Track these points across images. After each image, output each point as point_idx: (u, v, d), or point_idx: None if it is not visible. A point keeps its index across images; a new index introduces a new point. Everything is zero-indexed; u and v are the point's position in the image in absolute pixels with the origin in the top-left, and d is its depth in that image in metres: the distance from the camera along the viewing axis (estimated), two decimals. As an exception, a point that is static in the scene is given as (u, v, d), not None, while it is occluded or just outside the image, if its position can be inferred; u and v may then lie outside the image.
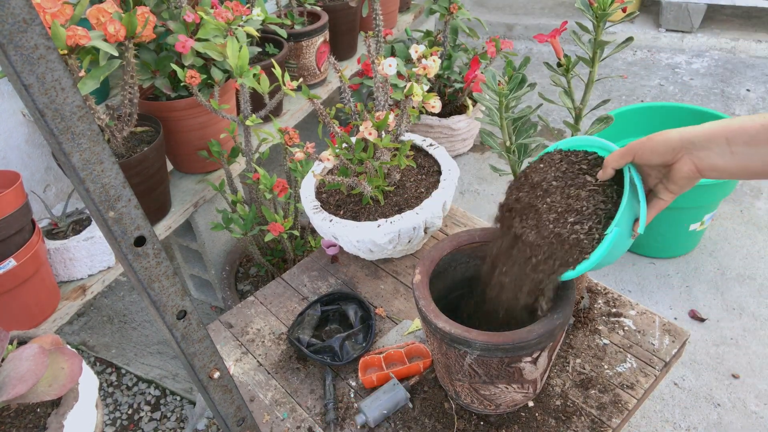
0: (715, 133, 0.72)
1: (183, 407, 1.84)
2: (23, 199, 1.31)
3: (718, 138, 0.72)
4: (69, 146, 0.47)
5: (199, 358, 0.67)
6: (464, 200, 2.59)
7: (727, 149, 0.72)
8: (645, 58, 3.53)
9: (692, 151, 0.74)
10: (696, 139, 0.74)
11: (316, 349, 1.16)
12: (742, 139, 0.71)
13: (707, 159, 0.74)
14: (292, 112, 2.19)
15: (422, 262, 1.00)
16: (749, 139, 0.70)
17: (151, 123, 1.63)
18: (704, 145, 0.73)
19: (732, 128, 0.71)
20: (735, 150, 0.71)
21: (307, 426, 1.06)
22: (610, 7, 0.93)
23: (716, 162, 0.73)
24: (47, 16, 1.20)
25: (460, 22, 2.50)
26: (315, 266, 1.42)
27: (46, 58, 0.43)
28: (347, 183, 1.27)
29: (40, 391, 0.72)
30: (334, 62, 1.32)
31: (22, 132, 1.77)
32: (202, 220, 1.85)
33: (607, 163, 0.82)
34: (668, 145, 0.76)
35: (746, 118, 0.71)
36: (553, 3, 4.19)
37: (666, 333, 1.14)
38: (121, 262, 0.56)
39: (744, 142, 0.70)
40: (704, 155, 0.74)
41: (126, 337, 2.09)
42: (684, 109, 2.19)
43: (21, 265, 1.28)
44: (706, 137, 0.73)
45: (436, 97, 1.25)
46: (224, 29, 1.53)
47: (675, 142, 0.75)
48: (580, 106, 1.06)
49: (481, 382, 0.92)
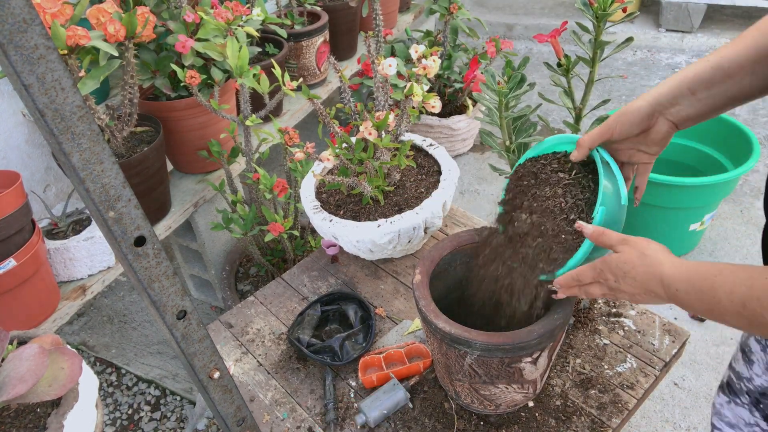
0: (678, 88, 0.78)
1: (183, 407, 1.84)
2: (23, 199, 1.31)
3: (683, 91, 0.78)
4: (69, 146, 0.47)
5: (199, 358, 0.67)
6: (464, 200, 2.59)
7: (693, 98, 0.77)
8: (645, 58, 3.53)
9: (663, 111, 0.79)
10: (663, 99, 0.79)
11: (316, 349, 1.16)
12: (702, 85, 0.76)
13: (679, 113, 0.79)
14: (292, 112, 2.19)
15: (422, 262, 1.00)
16: (708, 83, 0.76)
17: (151, 123, 1.63)
18: (672, 102, 0.78)
19: (690, 78, 0.77)
20: (700, 96, 0.77)
21: (307, 426, 1.06)
22: (611, 7, 0.93)
23: (688, 112, 0.78)
24: (47, 16, 1.20)
25: (460, 22, 2.50)
26: (315, 266, 1.42)
27: (46, 58, 0.43)
28: (347, 183, 1.27)
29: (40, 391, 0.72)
30: (334, 62, 1.32)
31: (22, 132, 1.77)
32: (202, 220, 1.85)
33: (581, 143, 0.85)
34: (642, 114, 0.80)
35: (697, 65, 0.77)
36: (553, 3, 4.19)
37: (666, 333, 1.14)
38: (121, 262, 0.56)
39: (704, 87, 0.76)
40: (675, 110, 0.79)
41: (126, 337, 2.09)
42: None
43: (21, 265, 1.28)
44: (672, 94, 0.78)
45: (436, 97, 1.25)
46: (224, 29, 1.53)
47: (647, 109, 0.80)
48: (580, 106, 1.06)
49: (481, 382, 0.92)
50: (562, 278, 0.82)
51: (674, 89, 0.78)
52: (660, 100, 0.79)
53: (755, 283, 0.60)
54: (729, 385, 0.98)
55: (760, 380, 0.90)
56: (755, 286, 0.60)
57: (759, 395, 0.91)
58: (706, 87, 0.76)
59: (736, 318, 0.62)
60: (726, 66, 0.75)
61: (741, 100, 0.78)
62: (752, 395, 0.92)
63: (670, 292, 0.68)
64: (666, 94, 0.79)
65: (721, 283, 0.63)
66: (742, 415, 0.95)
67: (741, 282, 0.61)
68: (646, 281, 0.71)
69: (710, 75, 0.76)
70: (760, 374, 0.90)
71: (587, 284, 0.79)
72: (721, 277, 0.63)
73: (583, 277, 0.78)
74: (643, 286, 0.71)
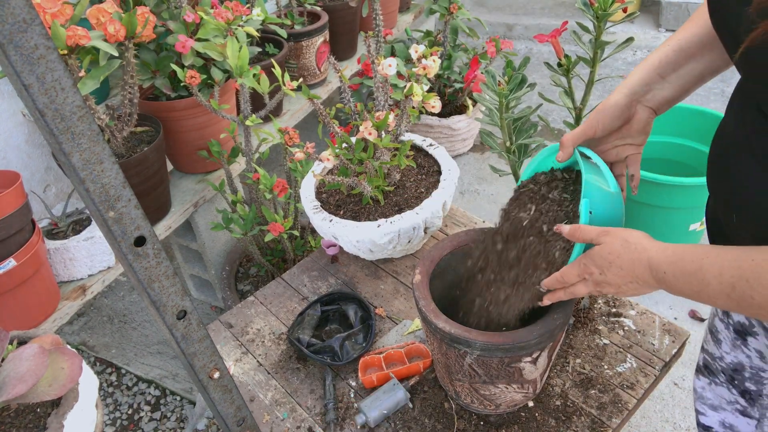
0: (648, 75, 0.82)
1: (183, 407, 1.84)
2: (23, 199, 1.31)
3: (653, 77, 0.82)
4: (69, 146, 0.47)
5: (199, 358, 0.67)
6: (464, 200, 2.59)
7: (664, 82, 0.81)
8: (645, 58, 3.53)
9: (640, 99, 0.83)
10: (637, 88, 0.82)
11: (316, 349, 1.16)
12: (668, 68, 0.81)
13: (654, 98, 0.83)
14: (292, 112, 2.19)
15: (422, 262, 1.00)
16: (674, 65, 0.80)
17: (151, 123, 1.63)
18: (646, 89, 0.82)
19: (656, 64, 0.81)
20: (669, 80, 0.81)
21: (307, 426, 1.06)
22: (611, 7, 0.93)
23: (663, 95, 0.82)
24: (47, 16, 1.20)
25: (460, 22, 2.50)
26: (315, 266, 1.42)
27: (46, 58, 0.43)
28: (347, 183, 1.27)
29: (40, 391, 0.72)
30: (334, 62, 1.32)
31: (22, 132, 1.77)
32: (202, 220, 1.85)
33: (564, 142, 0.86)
34: (621, 106, 0.83)
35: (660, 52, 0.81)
36: (553, 3, 4.19)
37: (666, 333, 1.14)
38: (121, 262, 0.56)
39: (672, 70, 0.81)
40: (651, 96, 0.83)
41: (126, 337, 2.09)
42: (684, 109, 2.19)
43: (21, 265, 1.28)
44: (644, 82, 0.82)
45: (436, 97, 1.25)
46: (224, 29, 1.53)
47: (624, 100, 0.83)
48: (580, 106, 1.06)
49: (481, 382, 0.92)
50: (547, 281, 0.82)
51: (645, 77, 0.82)
52: (634, 90, 0.83)
53: (743, 264, 0.60)
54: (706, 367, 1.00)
55: (730, 357, 0.92)
56: (743, 267, 0.60)
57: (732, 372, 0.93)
58: (673, 69, 0.81)
59: (725, 300, 0.62)
60: (686, 47, 0.79)
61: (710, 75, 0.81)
62: (726, 373, 0.95)
63: (658, 276, 0.68)
64: (638, 83, 0.82)
65: (709, 265, 0.63)
66: (722, 395, 0.97)
67: (729, 263, 0.61)
68: (632, 268, 0.70)
69: (674, 58, 0.80)
70: (729, 351, 0.92)
71: (573, 285, 0.78)
72: (708, 259, 0.63)
73: (567, 277, 0.78)
74: (630, 274, 0.71)
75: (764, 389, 0.91)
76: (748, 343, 0.88)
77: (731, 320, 0.90)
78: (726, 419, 1.00)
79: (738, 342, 0.90)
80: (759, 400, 0.93)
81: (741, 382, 0.93)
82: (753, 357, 0.89)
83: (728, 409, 0.98)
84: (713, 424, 1.02)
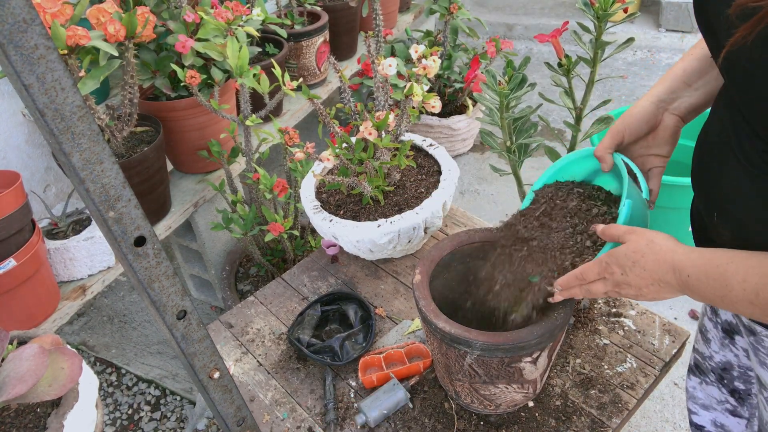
0: (674, 83, 0.82)
1: (183, 407, 1.84)
2: (23, 199, 1.31)
3: (679, 85, 0.82)
4: (69, 146, 0.47)
5: (199, 358, 0.67)
6: (464, 200, 2.59)
7: (690, 89, 0.82)
8: (645, 58, 3.53)
9: (667, 107, 0.83)
10: (664, 96, 0.83)
11: (316, 349, 1.16)
12: (694, 76, 0.81)
13: (681, 105, 0.83)
14: (292, 112, 2.18)
15: (422, 262, 1.00)
16: (699, 73, 0.81)
17: (151, 123, 1.63)
18: (673, 97, 0.83)
19: (680, 73, 0.82)
20: (696, 86, 0.81)
21: (307, 426, 1.06)
22: (611, 7, 0.93)
23: (690, 102, 0.82)
24: (47, 16, 1.20)
25: (460, 22, 2.50)
26: (315, 266, 1.42)
27: (46, 58, 0.43)
28: (347, 183, 1.27)
29: (40, 391, 0.72)
30: (334, 62, 1.32)
31: (22, 132, 1.77)
32: (202, 220, 1.85)
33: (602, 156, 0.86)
34: (648, 112, 0.83)
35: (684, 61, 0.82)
36: (553, 3, 4.19)
37: (666, 333, 1.14)
38: (121, 262, 0.56)
39: (697, 77, 0.81)
40: (678, 104, 0.83)
41: (126, 337, 2.09)
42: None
43: (21, 265, 1.28)
44: (671, 90, 0.82)
45: (436, 97, 1.25)
46: (224, 29, 1.53)
47: (651, 107, 0.83)
48: (580, 106, 1.06)
49: (481, 382, 0.92)
50: (563, 279, 0.80)
51: (671, 85, 0.82)
52: (661, 98, 0.82)
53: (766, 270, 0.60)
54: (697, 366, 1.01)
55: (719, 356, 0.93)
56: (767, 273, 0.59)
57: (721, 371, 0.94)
58: (699, 76, 0.81)
59: (748, 306, 0.62)
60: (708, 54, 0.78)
61: None
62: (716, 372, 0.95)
63: (681, 279, 0.67)
64: (665, 92, 0.82)
65: (734, 272, 0.62)
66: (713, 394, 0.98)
67: (753, 270, 0.60)
68: (656, 269, 0.69)
69: (698, 65, 0.81)
70: (718, 350, 0.93)
71: (591, 282, 0.77)
72: (733, 265, 0.62)
73: (588, 274, 0.76)
74: (652, 276, 0.70)
75: (752, 388, 0.92)
76: (735, 342, 0.89)
77: (719, 319, 0.90)
78: (717, 419, 1.00)
79: (726, 341, 0.90)
80: (748, 400, 0.93)
81: (730, 381, 0.94)
82: (741, 356, 0.89)
83: (719, 408, 0.99)
84: (705, 423, 1.02)
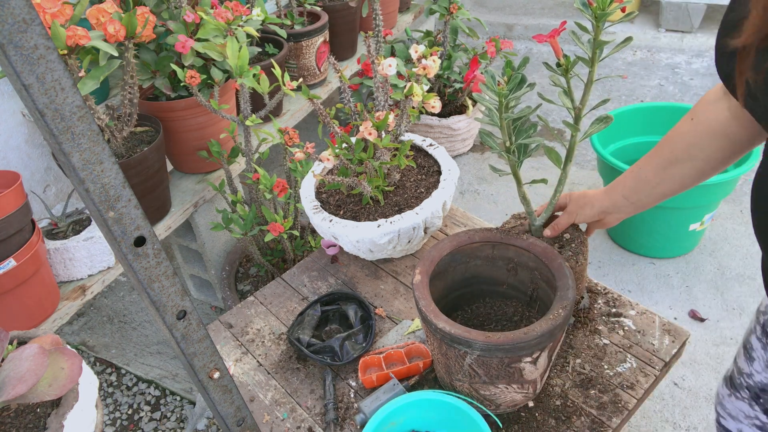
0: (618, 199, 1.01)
1: (183, 407, 1.84)
2: (23, 199, 1.31)
3: (622, 202, 1.00)
4: (69, 146, 0.47)
5: (199, 358, 0.67)
6: (464, 200, 2.59)
7: (628, 203, 1.00)
8: (645, 58, 3.53)
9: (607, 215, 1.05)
10: (608, 209, 1.03)
11: (316, 349, 1.16)
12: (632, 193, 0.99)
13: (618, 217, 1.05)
14: (292, 112, 2.19)
15: (422, 262, 1.00)
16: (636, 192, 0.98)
17: (151, 123, 1.63)
18: (614, 210, 1.03)
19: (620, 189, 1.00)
20: (633, 201, 1.00)
21: (307, 426, 1.06)
22: (609, 6, 0.93)
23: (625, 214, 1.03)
24: (47, 16, 1.20)
25: (460, 22, 2.50)
26: (315, 266, 1.42)
27: (46, 58, 0.43)
28: (347, 183, 1.27)
29: (40, 391, 0.72)
30: (334, 62, 1.32)
31: (22, 132, 1.77)
32: (202, 220, 1.85)
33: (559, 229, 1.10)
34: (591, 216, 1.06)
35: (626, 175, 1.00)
36: (553, 3, 4.19)
37: (666, 333, 1.14)
38: (121, 262, 0.56)
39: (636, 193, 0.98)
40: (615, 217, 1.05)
41: (126, 337, 2.09)
42: (684, 109, 2.19)
43: (21, 265, 1.28)
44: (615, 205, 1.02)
45: (436, 97, 1.25)
46: (224, 29, 1.53)
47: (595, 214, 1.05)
48: (579, 106, 1.06)
49: (481, 382, 0.92)
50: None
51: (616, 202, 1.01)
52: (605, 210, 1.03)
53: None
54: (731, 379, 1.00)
55: (760, 377, 0.92)
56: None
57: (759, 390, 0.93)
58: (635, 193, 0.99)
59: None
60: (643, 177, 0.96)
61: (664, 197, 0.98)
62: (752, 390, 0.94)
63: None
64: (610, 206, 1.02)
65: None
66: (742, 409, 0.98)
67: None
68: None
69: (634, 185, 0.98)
70: (760, 371, 0.91)
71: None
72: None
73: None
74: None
75: None
76: None
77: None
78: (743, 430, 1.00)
79: None
80: None
81: (766, 401, 0.93)
82: None
83: (745, 423, 0.99)
84: (733, 429, 1.02)
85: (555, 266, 0.96)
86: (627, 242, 2.17)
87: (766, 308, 0.91)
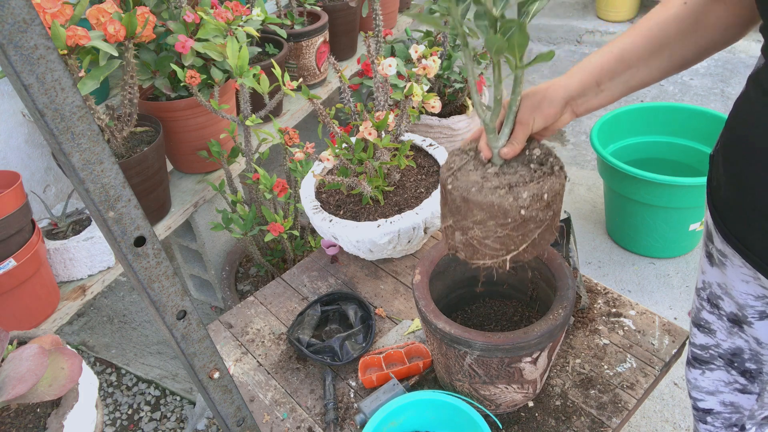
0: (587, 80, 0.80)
1: (183, 407, 1.84)
2: (23, 199, 1.31)
3: (590, 84, 0.80)
4: (69, 146, 0.47)
5: (199, 358, 0.67)
6: (464, 200, 2.58)
7: (597, 90, 0.80)
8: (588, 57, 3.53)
9: (572, 103, 0.81)
10: (574, 93, 0.80)
11: (316, 349, 1.16)
12: (606, 77, 0.79)
13: (584, 104, 0.81)
14: (292, 112, 2.19)
15: (422, 262, 1.00)
16: (611, 75, 0.79)
17: (151, 123, 1.63)
18: (581, 95, 0.80)
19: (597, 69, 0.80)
20: (603, 87, 0.80)
21: (307, 426, 1.06)
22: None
23: (592, 103, 0.81)
24: (47, 16, 1.20)
25: (460, 22, 2.50)
26: (315, 266, 1.42)
27: (46, 58, 0.43)
28: (347, 183, 1.27)
29: (40, 391, 0.72)
30: (334, 62, 1.32)
31: (22, 132, 1.77)
32: (202, 220, 1.85)
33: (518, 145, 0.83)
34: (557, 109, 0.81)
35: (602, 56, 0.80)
36: (553, 3, 4.19)
37: (666, 333, 1.14)
38: (121, 262, 0.56)
39: (608, 79, 0.79)
40: (581, 102, 0.81)
41: (126, 337, 2.09)
42: (684, 109, 2.19)
43: (21, 265, 1.28)
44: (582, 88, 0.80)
45: (436, 97, 1.25)
46: (224, 29, 1.53)
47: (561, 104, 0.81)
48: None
49: (481, 382, 0.92)
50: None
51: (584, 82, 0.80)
52: (571, 94, 0.80)
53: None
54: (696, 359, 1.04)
55: (727, 344, 0.96)
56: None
57: (731, 356, 0.98)
58: (609, 78, 0.80)
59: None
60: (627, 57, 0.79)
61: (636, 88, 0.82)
62: (724, 358, 0.98)
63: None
64: (576, 89, 0.80)
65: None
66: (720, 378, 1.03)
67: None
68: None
69: (613, 66, 0.79)
70: (725, 338, 0.96)
71: None
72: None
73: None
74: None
75: (764, 367, 0.95)
76: (744, 330, 0.92)
77: (723, 312, 0.93)
78: (725, 399, 1.03)
79: (735, 329, 0.93)
80: (759, 377, 0.97)
81: (741, 363, 0.97)
82: (750, 341, 0.92)
83: (726, 390, 1.02)
84: (713, 406, 1.05)
85: (555, 266, 0.96)
86: (627, 242, 2.17)
87: (703, 284, 0.94)
